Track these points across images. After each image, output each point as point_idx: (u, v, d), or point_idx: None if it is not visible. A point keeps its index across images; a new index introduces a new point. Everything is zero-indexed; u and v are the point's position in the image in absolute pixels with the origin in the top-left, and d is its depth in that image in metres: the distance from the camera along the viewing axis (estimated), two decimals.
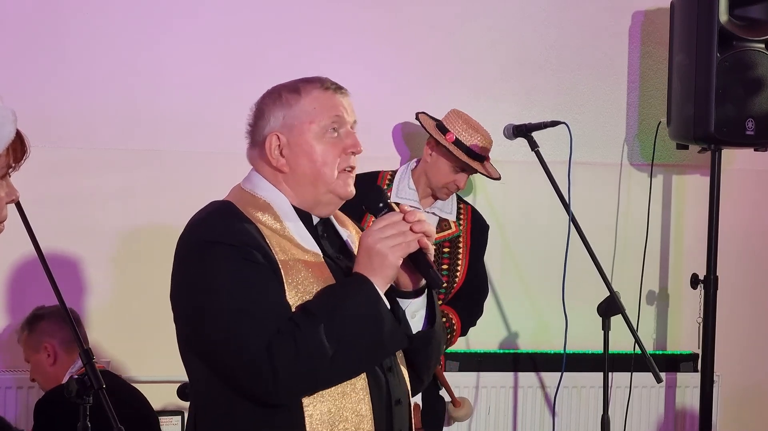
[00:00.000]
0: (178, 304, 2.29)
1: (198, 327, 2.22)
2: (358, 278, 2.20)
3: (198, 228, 2.27)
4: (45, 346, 3.86)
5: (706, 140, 4.52)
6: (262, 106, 2.36)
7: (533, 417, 4.87)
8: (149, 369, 4.39)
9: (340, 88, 2.37)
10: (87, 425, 2.42)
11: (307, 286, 2.23)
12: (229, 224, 2.23)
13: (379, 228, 2.21)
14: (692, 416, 4.96)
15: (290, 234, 2.29)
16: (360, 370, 2.23)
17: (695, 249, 4.91)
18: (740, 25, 4.48)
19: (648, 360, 3.66)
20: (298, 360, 2.12)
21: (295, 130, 2.31)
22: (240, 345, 2.13)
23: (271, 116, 2.33)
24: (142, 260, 4.48)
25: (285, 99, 2.33)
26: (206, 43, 4.56)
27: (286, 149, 2.31)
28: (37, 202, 4.09)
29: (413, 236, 2.20)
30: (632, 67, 5.02)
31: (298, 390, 2.18)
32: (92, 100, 4.46)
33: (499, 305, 4.93)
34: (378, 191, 2.33)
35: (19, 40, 4.41)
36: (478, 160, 4.16)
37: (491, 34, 4.86)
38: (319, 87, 2.34)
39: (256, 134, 2.37)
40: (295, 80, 2.38)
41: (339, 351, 2.14)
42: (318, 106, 2.32)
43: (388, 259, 2.18)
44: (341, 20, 4.70)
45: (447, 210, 4.27)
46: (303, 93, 2.33)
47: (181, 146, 4.55)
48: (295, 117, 2.31)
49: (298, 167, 2.32)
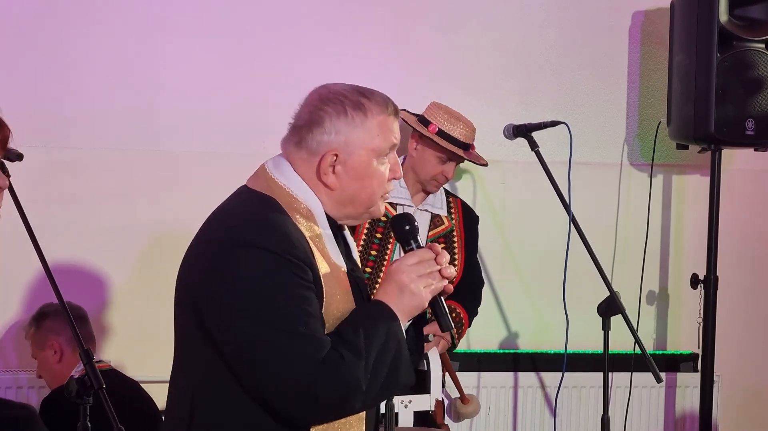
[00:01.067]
0: (210, 299, 2.17)
1: (236, 333, 2.14)
2: (389, 315, 2.19)
3: (240, 228, 2.18)
4: (51, 343, 3.88)
5: (706, 140, 4.52)
6: (323, 114, 2.27)
7: (533, 417, 4.87)
8: (149, 369, 4.38)
9: (397, 112, 2.33)
10: (87, 425, 2.42)
11: (338, 308, 2.22)
12: (284, 234, 2.17)
13: (413, 264, 2.21)
14: (692, 416, 4.96)
15: (325, 247, 2.27)
16: (377, 404, 2.29)
17: (695, 249, 4.91)
18: (740, 25, 4.48)
19: (648, 360, 3.66)
20: (338, 390, 2.11)
21: (355, 153, 2.26)
22: (285, 366, 2.10)
23: (333, 130, 2.25)
24: (143, 260, 4.48)
25: (351, 116, 2.26)
26: (206, 44, 4.56)
27: (339, 166, 2.26)
28: (37, 202, 4.09)
29: (441, 281, 2.22)
30: (632, 67, 5.02)
31: (328, 417, 2.20)
32: (93, 101, 4.46)
33: (499, 305, 4.93)
34: (410, 222, 2.31)
35: (20, 41, 4.41)
36: (464, 148, 4.17)
37: (491, 34, 4.85)
38: (384, 111, 2.29)
39: (308, 139, 2.27)
40: (356, 92, 2.30)
41: (369, 390, 2.14)
42: (381, 132, 2.28)
43: (419, 299, 2.20)
44: (341, 20, 4.70)
45: (438, 206, 4.27)
46: (369, 115, 2.27)
47: (181, 146, 4.55)
48: (358, 138, 2.26)
49: (347, 188, 2.28)
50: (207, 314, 2.18)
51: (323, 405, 2.12)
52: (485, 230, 4.88)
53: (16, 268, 4.35)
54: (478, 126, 4.14)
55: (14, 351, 4.43)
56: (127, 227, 4.50)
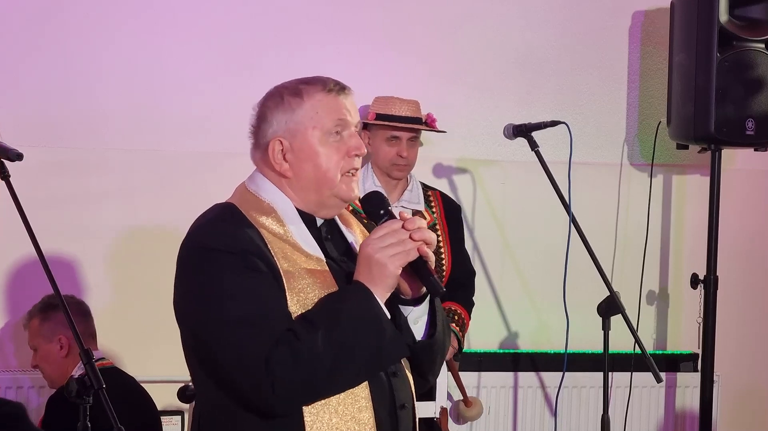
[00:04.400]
0: (181, 311, 2.28)
1: (199, 335, 2.21)
2: (357, 287, 2.19)
3: (199, 234, 2.25)
4: (60, 337, 3.87)
5: (706, 140, 4.52)
6: (264, 109, 2.33)
7: (533, 417, 4.87)
8: (149, 369, 4.38)
9: (344, 88, 2.33)
10: (87, 425, 2.42)
11: (309, 294, 2.22)
12: (231, 231, 2.22)
13: (378, 237, 2.19)
14: (692, 416, 4.96)
15: (293, 239, 2.28)
16: (360, 380, 2.22)
17: (695, 249, 4.91)
18: (740, 25, 4.48)
19: (648, 360, 3.66)
20: (297, 371, 2.11)
21: (299, 135, 2.28)
22: (239, 355, 2.13)
23: (274, 120, 2.30)
24: (142, 260, 4.48)
25: (287, 103, 2.29)
26: (207, 44, 4.56)
27: (289, 153, 2.29)
28: (37, 202, 4.09)
29: (413, 245, 2.18)
30: (632, 67, 5.02)
31: (296, 401, 2.17)
32: (92, 101, 4.46)
33: (499, 305, 4.93)
34: (379, 198, 2.30)
35: (20, 41, 4.41)
36: (407, 122, 4.20)
37: (491, 34, 4.86)
38: (322, 90, 2.30)
39: (259, 137, 2.33)
40: (296, 81, 2.34)
41: (338, 361, 2.13)
42: (321, 110, 2.29)
43: (387, 268, 2.17)
44: (341, 20, 4.70)
45: (415, 201, 4.28)
46: (305, 96, 2.29)
47: (181, 146, 4.55)
48: (298, 122, 2.28)
49: (301, 171, 2.30)
50: (179, 325, 2.28)
51: (288, 383, 2.11)
52: (485, 229, 4.89)
53: (16, 268, 4.35)
54: (479, 126, 4.15)
55: (14, 351, 4.43)
56: (127, 227, 4.50)
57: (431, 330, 2.30)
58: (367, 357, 2.17)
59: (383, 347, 2.18)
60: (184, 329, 2.28)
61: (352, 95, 2.34)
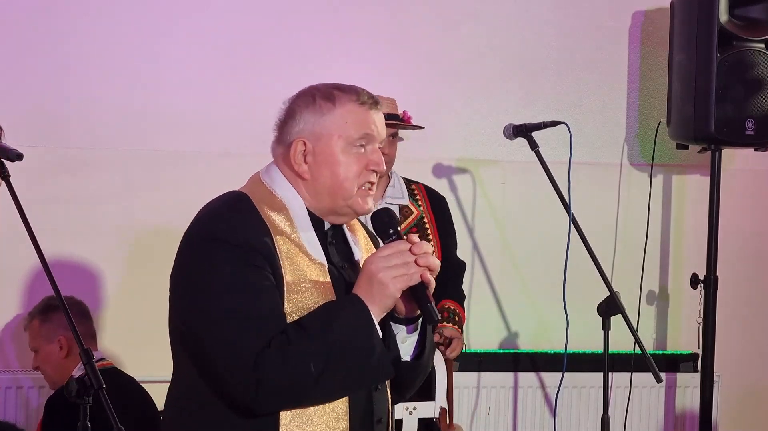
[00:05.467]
0: (175, 294, 2.28)
1: (190, 323, 2.21)
2: (355, 301, 2.19)
3: (206, 221, 2.25)
4: (60, 338, 3.87)
5: (706, 140, 4.52)
6: (294, 106, 2.32)
7: (533, 417, 4.87)
8: (149, 369, 4.38)
9: (376, 103, 2.32)
10: (87, 425, 2.42)
11: (307, 298, 2.23)
12: (238, 222, 2.22)
13: (384, 256, 2.19)
14: (692, 416, 4.95)
15: (300, 240, 2.28)
16: (344, 393, 2.23)
17: (695, 249, 4.91)
18: (740, 25, 4.48)
19: (648, 360, 3.66)
20: (284, 374, 2.11)
21: (323, 140, 2.28)
22: (229, 350, 2.13)
23: (302, 119, 2.29)
24: (142, 260, 4.48)
25: (318, 105, 2.29)
26: (207, 44, 4.56)
27: (310, 156, 2.28)
28: (37, 202, 4.09)
29: (417, 270, 2.19)
30: (632, 67, 5.02)
31: (278, 403, 2.17)
32: (92, 101, 4.46)
33: (499, 305, 4.93)
34: (389, 215, 2.30)
35: (20, 41, 4.41)
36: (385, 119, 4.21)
37: (491, 34, 4.85)
38: (355, 100, 2.30)
39: (284, 133, 2.33)
40: (330, 85, 2.33)
41: (325, 372, 2.13)
42: (350, 120, 2.28)
43: (388, 289, 2.17)
44: (341, 20, 4.70)
45: (398, 196, 4.26)
46: (337, 103, 2.29)
47: (181, 146, 4.55)
48: (325, 127, 2.28)
49: (319, 176, 2.29)
50: (170, 306, 2.28)
51: (274, 385, 2.12)
52: (485, 229, 4.89)
53: (16, 268, 4.35)
54: (479, 126, 4.14)
55: (14, 351, 4.43)
56: (127, 226, 4.50)
57: (419, 350, 2.31)
58: (354, 373, 2.18)
59: (371, 365, 2.18)
60: (175, 313, 2.28)
61: (382, 111, 2.34)
